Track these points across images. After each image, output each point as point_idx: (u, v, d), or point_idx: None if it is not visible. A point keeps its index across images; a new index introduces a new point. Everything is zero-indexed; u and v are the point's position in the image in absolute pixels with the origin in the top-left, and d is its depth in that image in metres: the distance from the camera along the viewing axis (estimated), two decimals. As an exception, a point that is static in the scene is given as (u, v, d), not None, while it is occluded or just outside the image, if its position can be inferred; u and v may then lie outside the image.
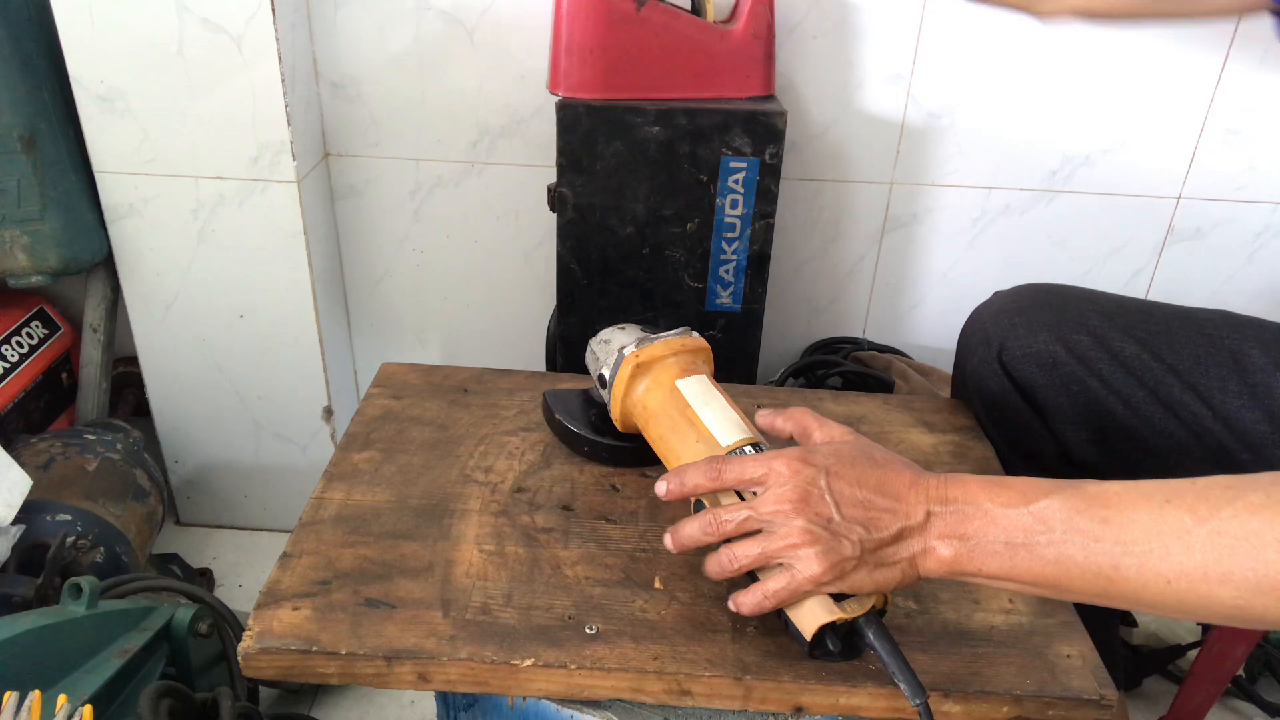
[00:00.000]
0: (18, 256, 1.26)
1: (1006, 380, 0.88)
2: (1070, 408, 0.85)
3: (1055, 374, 0.85)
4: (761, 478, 0.62)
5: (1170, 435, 0.82)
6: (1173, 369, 0.82)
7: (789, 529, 0.60)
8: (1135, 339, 0.83)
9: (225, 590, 1.43)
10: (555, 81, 1.15)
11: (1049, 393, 0.85)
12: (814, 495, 0.60)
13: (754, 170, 1.15)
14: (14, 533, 1.05)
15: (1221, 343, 0.81)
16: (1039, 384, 0.86)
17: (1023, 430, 0.89)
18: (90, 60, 1.20)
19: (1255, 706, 1.28)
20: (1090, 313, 0.85)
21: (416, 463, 0.82)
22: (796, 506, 0.60)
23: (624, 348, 0.77)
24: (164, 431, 1.48)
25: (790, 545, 0.60)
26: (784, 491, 0.60)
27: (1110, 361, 0.83)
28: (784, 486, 0.60)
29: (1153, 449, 0.83)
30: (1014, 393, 0.88)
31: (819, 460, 0.61)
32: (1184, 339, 0.83)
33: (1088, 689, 0.63)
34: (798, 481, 0.60)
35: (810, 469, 0.61)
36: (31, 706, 0.76)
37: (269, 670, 0.64)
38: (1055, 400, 0.85)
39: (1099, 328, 0.84)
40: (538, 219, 1.43)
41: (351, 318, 1.55)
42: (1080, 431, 0.86)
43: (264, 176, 1.27)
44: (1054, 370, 0.85)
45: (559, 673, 0.63)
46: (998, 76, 1.33)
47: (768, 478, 0.62)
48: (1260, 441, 0.79)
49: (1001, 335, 0.87)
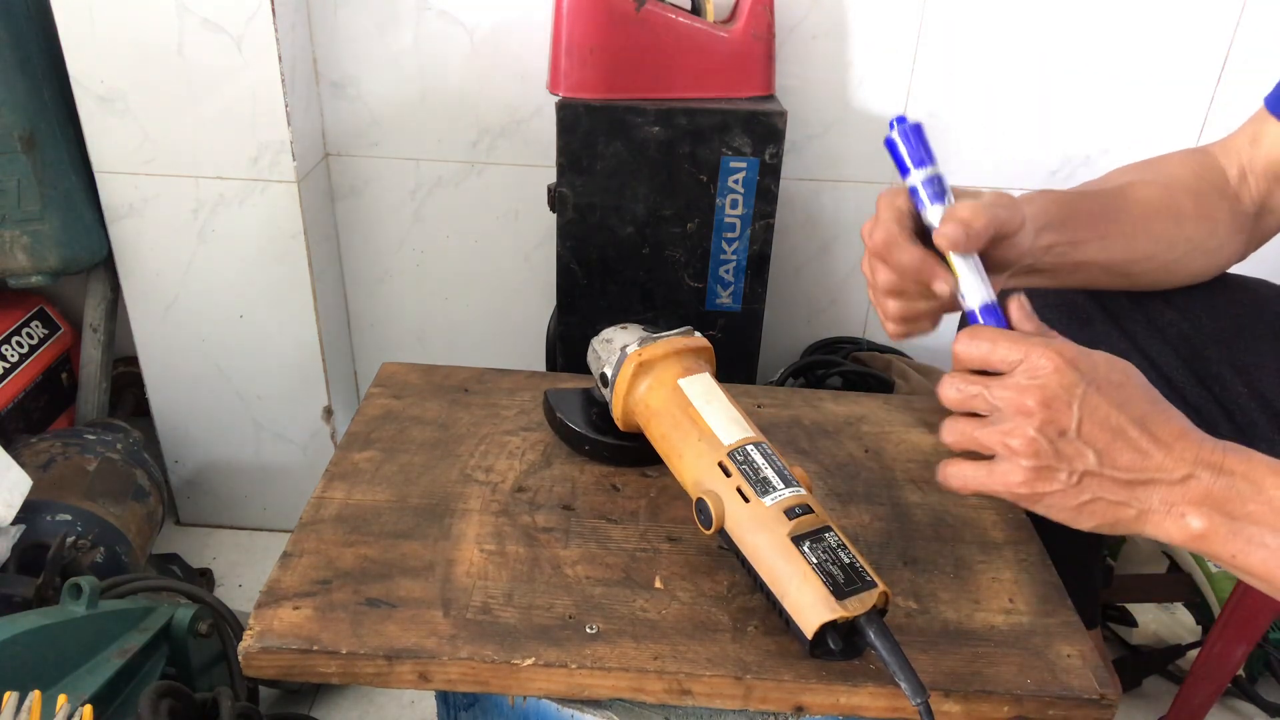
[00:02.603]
0: (18, 256, 1.26)
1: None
2: None
3: (1085, 330, 0.81)
4: (1014, 362, 0.55)
5: (1200, 408, 0.79)
6: (1211, 339, 0.78)
7: (1013, 426, 0.54)
8: (1174, 305, 0.79)
9: (225, 590, 1.43)
10: (555, 81, 1.15)
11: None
12: (1059, 402, 0.53)
13: (754, 170, 1.15)
14: (14, 533, 1.05)
15: (1263, 316, 0.78)
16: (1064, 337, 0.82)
17: None
18: (90, 60, 1.20)
19: (1255, 706, 1.28)
20: None
21: (417, 462, 0.82)
22: (1035, 407, 0.54)
23: (626, 346, 0.77)
24: (164, 431, 1.48)
25: (1004, 444, 0.55)
26: (1030, 385, 0.54)
27: (1146, 326, 0.79)
28: (1034, 380, 0.54)
29: None
30: None
31: (1086, 365, 0.55)
32: (1225, 308, 0.79)
33: (1088, 689, 0.63)
34: (1050, 381, 0.54)
35: (1072, 372, 0.54)
36: (31, 706, 0.76)
37: (269, 670, 0.64)
38: None
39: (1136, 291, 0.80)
40: (538, 219, 1.43)
41: (351, 318, 1.55)
42: None
43: (264, 176, 1.27)
44: (1085, 326, 0.81)
45: (559, 672, 0.63)
46: (998, 76, 1.33)
47: (1021, 365, 0.55)
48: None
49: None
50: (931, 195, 0.61)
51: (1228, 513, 0.53)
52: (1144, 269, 0.78)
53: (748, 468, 0.68)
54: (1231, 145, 0.82)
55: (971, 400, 0.57)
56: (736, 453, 0.69)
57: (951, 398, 0.58)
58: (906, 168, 0.62)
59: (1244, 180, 0.80)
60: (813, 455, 0.85)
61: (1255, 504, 0.52)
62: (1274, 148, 0.78)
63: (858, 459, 0.85)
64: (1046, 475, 0.54)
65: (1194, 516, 0.53)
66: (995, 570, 0.73)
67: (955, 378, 0.58)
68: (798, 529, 0.64)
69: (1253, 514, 0.52)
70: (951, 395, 0.58)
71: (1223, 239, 0.80)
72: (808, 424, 0.90)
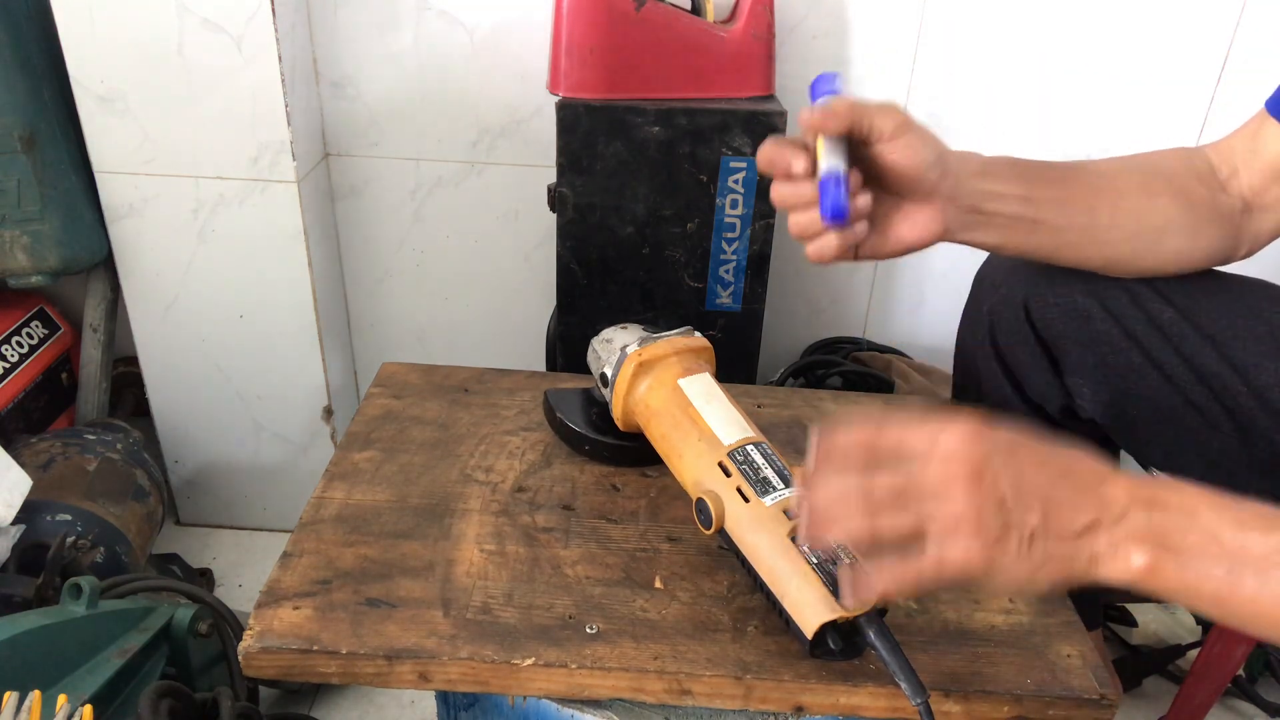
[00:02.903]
0: (18, 256, 1.26)
1: (1027, 326, 0.84)
2: (1096, 367, 0.81)
3: (1086, 329, 0.81)
4: (926, 450, 0.53)
5: (1201, 407, 0.79)
6: (1210, 338, 0.78)
7: (953, 508, 0.52)
8: (1174, 304, 0.79)
9: (225, 590, 1.43)
10: (555, 81, 1.15)
11: (1074, 347, 0.82)
12: (988, 473, 0.52)
13: (754, 170, 1.15)
14: (14, 533, 1.05)
15: (1264, 315, 0.78)
16: (1066, 336, 0.82)
17: (1032, 378, 0.86)
18: (90, 60, 1.20)
19: (1255, 706, 1.28)
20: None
21: (417, 462, 0.82)
22: (967, 484, 0.52)
23: (626, 346, 0.77)
24: (164, 431, 1.48)
25: (949, 527, 0.52)
26: (953, 464, 0.52)
27: (1146, 324, 0.79)
28: (953, 458, 0.53)
29: (1178, 419, 0.80)
30: (1033, 339, 0.84)
31: (989, 433, 0.54)
32: (1225, 308, 0.79)
33: (1088, 689, 0.63)
34: (970, 454, 0.52)
35: (985, 442, 0.53)
36: (31, 706, 0.76)
37: (269, 670, 0.64)
38: (1080, 356, 0.82)
39: (1138, 287, 0.80)
40: (538, 219, 1.43)
41: (351, 318, 1.55)
42: (1100, 392, 0.82)
43: (264, 176, 1.27)
44: (1086, 325, 0.81)
45: (559, 672, 0.63)
46: (998, 76, 1.33)
47: (934, 450, 0.53)
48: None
49: (1031, 278, 0.83)
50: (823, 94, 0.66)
51: (1170, 547, 0.52)
52: (1112, 239, 0.78)
53: (748, 468, 0.68)
54: (1225, 144, 0.82)
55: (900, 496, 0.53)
56: (736, 453, 0.69)
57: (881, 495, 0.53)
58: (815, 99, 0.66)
59: (1235, 175, 0.81)
60: (813, 455, 0.85)
61: (1194, 535, 0.52)
62: (1274, 148, 0.78)
63: (858, 459, 0.85)
64: (998, 549, 0.52)
65: (1138, 553, 0.52)
66: (995, 570, 0.73)
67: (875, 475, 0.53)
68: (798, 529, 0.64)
69: (1194, 546, 0.52)
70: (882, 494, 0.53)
71: (1202, 223, 0.79)
72: (808, 424, 0.90)
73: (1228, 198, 0.80)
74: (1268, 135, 0.79)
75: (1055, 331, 0.83)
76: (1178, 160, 0.81)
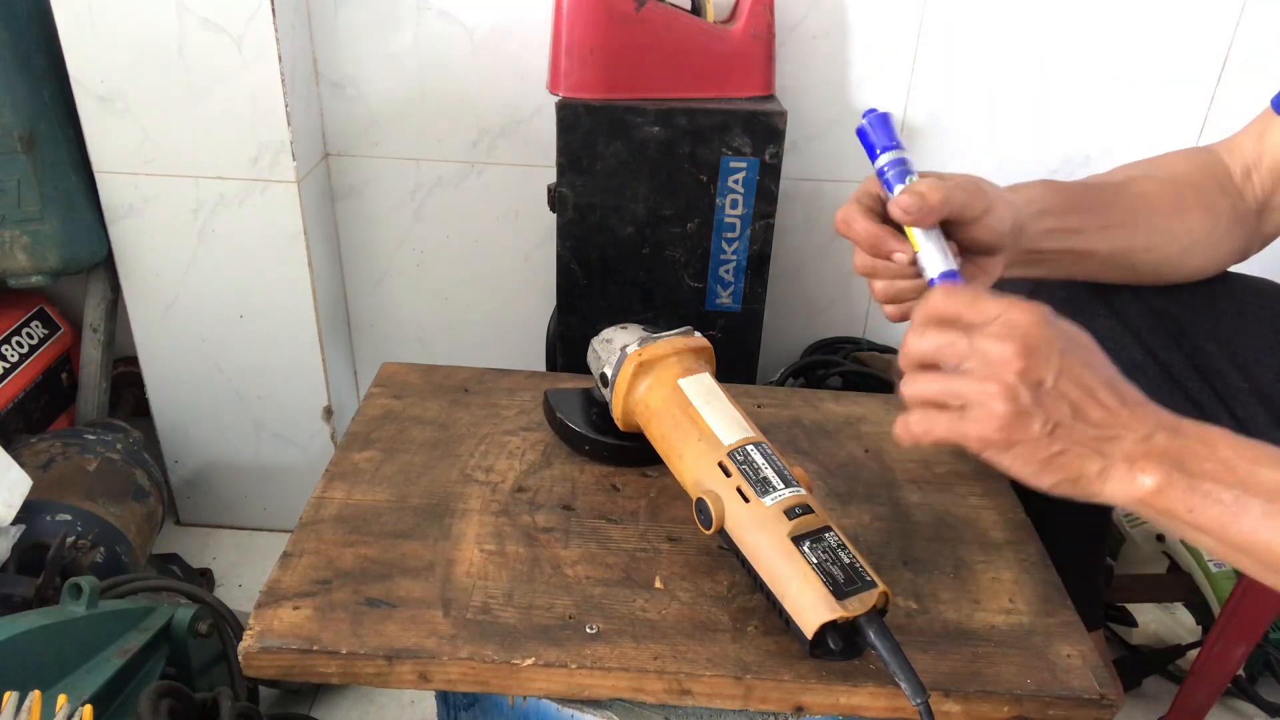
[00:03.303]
0: (18, 256, 1.26)
1: None
2: None
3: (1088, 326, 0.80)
4: (993, 316, 0.55)
5: (1200, 403, 0.79)
6: (1213, 336, 0.78)
7: (992, 372, 0.54)
8: (1178, 301, 0.80)
9: (225, 590, 1.43)
10: (555, 81, 1.15)
11: None
12: (1039, 354, 0.54)
13: (754, 170, 1.15)
14: (14, 533, 1.05)
15: (1264, 313, 0.78)
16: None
17: None
18: (90, 60, 1.20)
19: (1255, 706, 1.28)
20: None
21: (417, 462, 0.82)
22: (1015, 356, 0.54)
23: (626, 346, 0.77)
24: (164, 431, 1.48)
25: (982, 390, 0.54)
26: (1010, 335, 0.54)
27: (1149, 319, 0.80)
28: (1013, 331, 0.54)
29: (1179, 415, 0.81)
30: None
31: (1060, 325, 0.56)
32: (1227, 306, 0.79)
33: (1088, 689, 0.63)
34: (1030, 332, 0.54)
35: (1049, 328, 0.55)
36: (31, 706, 0.76)
37: (269, 670, 0.64)
38: None
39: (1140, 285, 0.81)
40: (538, 219, 1.43)
41: (351, 318, 1.55)
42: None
43: (264, 176, 1.27)
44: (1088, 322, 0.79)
45: (559, 672, 0.63)
46: (998, 76, 1.33)
47: (999, 317, 0.55)
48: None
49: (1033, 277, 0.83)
50: (896, 176, 0.64)
51: (1184, 469, 0.54)
52: (1145, 260, 0.79)
53: (748, 468, 0.68)
54: (1236, 144, 0.82)
55: (945, 349, 0.56)
56: (736, 453, 0.69)
57: (923, 348, 0.57)
58: (875, 153, 0.65)
59: (1248, 178, 0.81)
60: (813, 455, 0.85)
61: (1210, 463, 0.54)
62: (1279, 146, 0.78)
63: (858, 459, 0.85)
64: (1022, 423, 0.54)
65: (1153, 471, 0.54)
66: (995, 570, 0.73)
67: (927, 328, 0.57)
68: (798, 529, 0.64)
69: (1208, 471, 0.54)
70: (923, 346, 0.57)
71: (1224, 234, 0.80)
72: (808, 424, 0.90)
73: (1244, 203, 0.81)
74: (1274, 135, 0.79)
75: None
76: (1201, 170, 0.81)
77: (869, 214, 0.66)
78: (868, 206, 0.66)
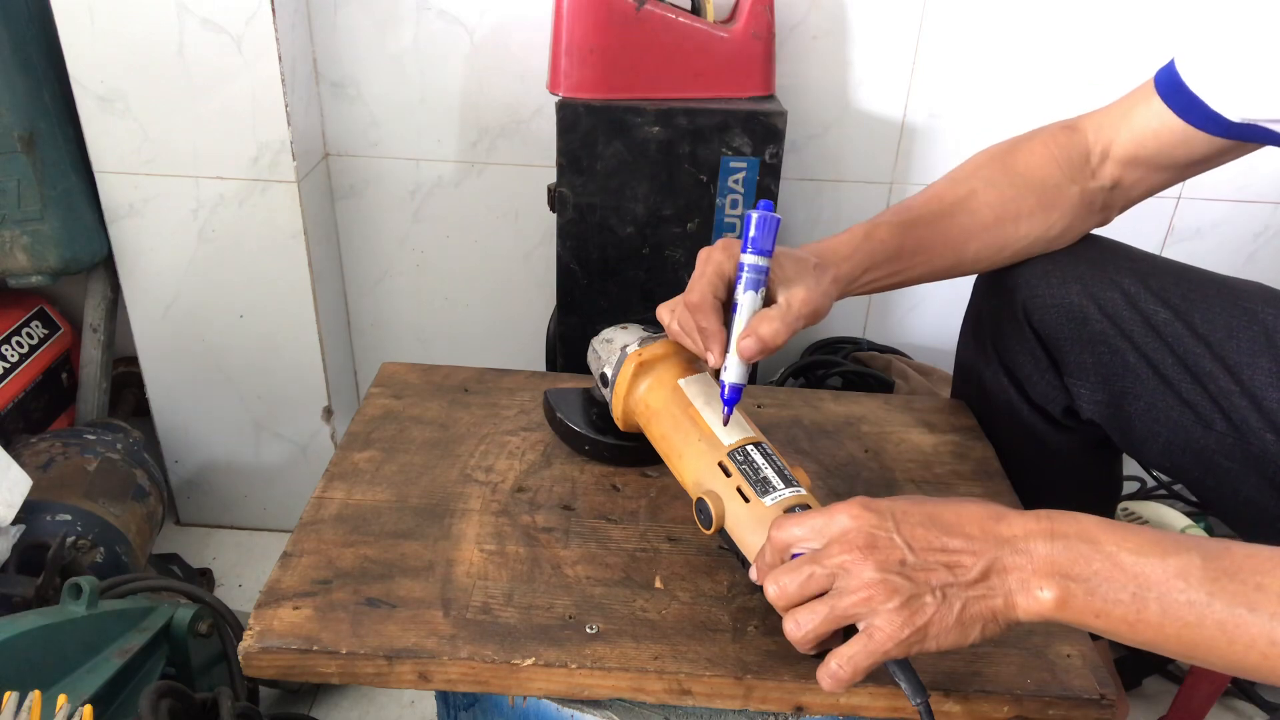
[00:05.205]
0: (18, 256, 1.26)
1: (1028, 328, 0.85)
2: (1094, 368, 0.82)
3: (1083, 330, 0.82)
4: (820, 530, 0.58)
5: (1195, 407, 0.80)
6: (1204, 339, 0.79)
7: (859, 581, 0.55)
8: (1169, 305, 0.80)
9: (225, 590, 1.43)
10: (555, 81, 1.15)
11: (1072, 348, 0.83)
12: (881, 540, 0.55)
13: (754, 170, 1.15)
14: (14, 533, 1.05)
15: (1257, 317, 0.78)
16: (1063, 337, 0.83)
17: (1034, 380, 0.86)
18: (90, 60, 1.20)
19: (1255, 706, 1.28)
20: (1125, 271, 0.82)
21: (417, 462, 0.82)
22: (864, 553, 0.55)
23: (627, 346, 0.77)
24: (164, 431, 1.48)
25: (863, 600, 0.55)
26: (848, 540, 0.56)
27: (1142, 325, 0.80)
28: (847, 535, 0.56)
29: (1173, 418, 0.81)
30: (1034, 341, 0.85)
31: (881, 505, 0.57)
32: (1219, 309, 0.80)
33: (1088, 689, 0.63)
34: (861, 526, 0.56)
35: (873, 514, 0.56)
36: (31, 706, 0.76)
37: (269, 670, 0.64)
38: (1078, 357, 0.83)
39: (1133, 288, 0.81)
40: (538, 219, 1.43)
41: (351, 318, 1.55)
42: (1098, 393, 0.83)
43: (264, 176, 1.27)
44: (1082, 326, 0.82)
45: (559, 672, 0.63)
46: (998, 76, 1.33)
47: (827, 529, 0.57)
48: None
49: (1029, 279, 0.85)
50: (750, 282, 0.69)
51: (1076, 576, 0.54)
52: (973, 268, 0.86)
53: (748, 468, 0.68)
54: (1106, 120, 0.84)
55: (808, 585, 0.57)
56: (736, 453, 0.69)
57: (790, 592, 0.58)
58: (747, 246, 0.69)
59: (1103, 161, 0.84)
60: (813, 455, 0.86)
61: (1097, 562, 0.53)
62: (1142, 128, 0.81)
63: (858, 459, 0.85)
64: (915, 605, 0.54)
65: (1048, 586, 0.54)
66: (995, 570, 0.73)
67: (779, 573, 0.58)
68: None
69: (1099, 572, 0.53)
70: (790, 590, 0.57)
71: (1067, 225, 0.84)
72: (808, 424, 0.90)
73: (1096, 183, 0.84)
74: (1141, 115, 0.81)
75: (1054, 333, 0.84)
76: (1054, 162, 0.84)
77: (717, 308, 0.70)
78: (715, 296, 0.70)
